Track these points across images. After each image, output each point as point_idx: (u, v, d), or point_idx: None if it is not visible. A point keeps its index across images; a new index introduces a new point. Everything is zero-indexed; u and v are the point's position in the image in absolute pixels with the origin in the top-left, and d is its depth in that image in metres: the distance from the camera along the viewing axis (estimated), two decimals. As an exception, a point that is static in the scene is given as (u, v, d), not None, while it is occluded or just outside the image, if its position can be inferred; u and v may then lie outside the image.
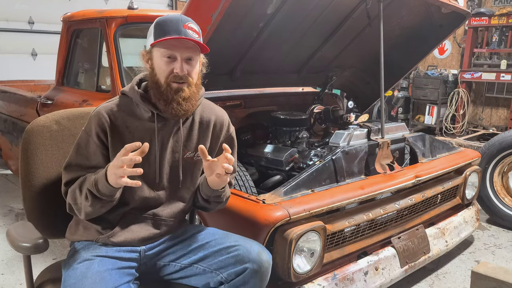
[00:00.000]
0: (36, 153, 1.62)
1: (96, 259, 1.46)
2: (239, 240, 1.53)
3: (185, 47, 1.44)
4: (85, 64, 3.39)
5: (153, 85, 1.48)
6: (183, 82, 1.46)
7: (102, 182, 1.37)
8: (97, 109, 1.51)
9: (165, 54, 1.44)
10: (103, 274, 1.40)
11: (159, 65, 1.46)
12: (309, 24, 2.83)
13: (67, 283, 1.40)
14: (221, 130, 1.65)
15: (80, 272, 1.41)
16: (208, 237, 1.58)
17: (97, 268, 1.42)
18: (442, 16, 3.10)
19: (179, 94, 1.45)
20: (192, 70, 1.48)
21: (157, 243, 1.59)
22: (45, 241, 1.49)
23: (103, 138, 1.48)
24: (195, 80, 1.50)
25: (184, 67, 1.45)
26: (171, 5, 7.32)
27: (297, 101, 3.55)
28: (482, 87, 6.77)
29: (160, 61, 1.45)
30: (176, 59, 1.45)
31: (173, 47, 1.43)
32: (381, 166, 2.57)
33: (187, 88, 1.47)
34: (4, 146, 4.16)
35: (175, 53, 1.44)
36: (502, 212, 3.57)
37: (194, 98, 1.50)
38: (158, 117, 1.51)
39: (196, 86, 1.51)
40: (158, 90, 1.46)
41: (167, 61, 1.44)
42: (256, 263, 1.46)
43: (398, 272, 2.36)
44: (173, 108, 1.46)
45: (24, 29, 5.84)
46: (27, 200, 1.62)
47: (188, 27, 1.44)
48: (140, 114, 1.52)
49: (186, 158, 1.58)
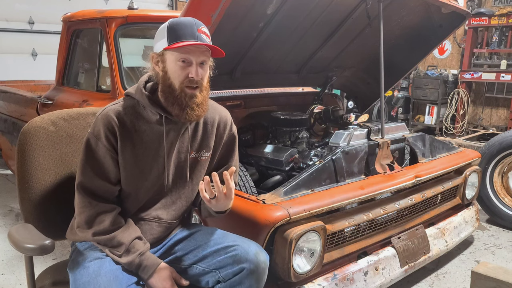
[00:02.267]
0: (33, 154, 1.60)
1: (106, 258, 1.46)
2: (237, 240, 1.53)
3: (200, 52, 1.43)
4: (85, 64, 3.39)
5: (166, 88, 1.46)
6: (197, 87, 1.45)
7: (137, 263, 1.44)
8: (104, 111, 1.48)
9: (180, 58, 1.42)
10: (116, 272, 1.40)
11: (173, 69, 1.44)
12: (309, 24, 2.83)
13: (80, 282, 1.39)
14: (225, 129, 1.65)
15: (93, 270, 1.40)
16: (207, 237, 1.58)
17: (109, 267, 1.42)
18: (442, 16, 3.10)
19: (193, 100, 1.44)
20: (205, 74, 1.48)
21: (159, 247, 1.60)
22: (52, 242, 1.47)
23: (113, 141, 1.46)
24: (205, 84, 1.50)
25: (199, 72, 1.44)
26: (171, 5, 7.32)
27: (297, 101, 3.55)
28: (482, 87, 6.78)
29: (175, 65, 1.43)
30: (191, 64, 1.43)
31: (189, 52, 1.42)
32: (381, 166, 2.57)
33: (200, 94, 1.46)
34: (4, 146, 4.16)
35: (191, 58, 1.43)
36: (502, 212, 3.57)
37: (205, 103, 1.50)
38: (166, 119, 1.50)
39: (206, 90, 1.50)
40: (172, 95, 1.45)
41: (182, 65, 1.43)
42: (253, 263, 1.46)
43: (398, 272, 2.36)
44: (187, 113, 1.45)
45: (24, 29, 5.84)
46: (24, 202, 1.60)
47: (202, 32, 1.44)
48: (148, 117, 1.50)
49: (191, 158, 1.58)
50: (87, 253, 1.49)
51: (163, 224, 1.58)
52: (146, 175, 1.51)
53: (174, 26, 1.44)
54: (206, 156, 1.61)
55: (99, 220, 1.45)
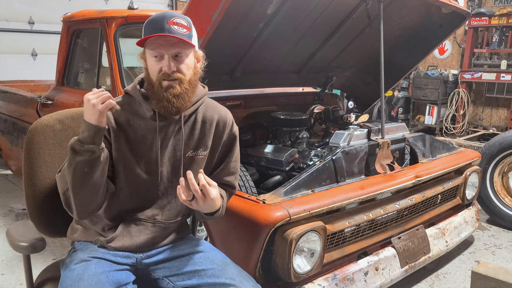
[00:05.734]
0: (39, 153, 1.63)
1: (93, 260, 1.45)
2: (236, 278, 1.49)
3: (170, 44, 1.42)
4: (85, 64, 3.39)
5: (148, 85, 1.49)
6: (174, 79, 1.44)
7: (81, 129, 1.35)
8: None
9: (152, 53, 1.44)
10: (100, 276, 1.39)
11: (150, 65, 1.46)
12: (309, 24, 2.83)
13: (64, 284, 1.39)
14: (224, 129, 1.63)
15: (76, 273, 1.40)
16: (206, 264, 1.54)
17: (94, 270, 1.41)
18: (442, 16, 3.10)
19: (169, 91, 1.44)
20: (182, 66, 1.46)
21: (155, 251, 1.57)
22: (42, 241, 1.50)
23: (107, 135, 1.48)
24: (188, 76, 1.47)
25: (172, 64, 1.43)
26: (171, 5, 7.32)
27: (297, 101, 3.55)
28: (482, 87, 6.77)
29: (150, 60, 1.46)
30: (163, 57, 1.44)
31: (158, 46, 1.42)
32: (381, 166, 2.57)
33: (179, 85, 1.45)
34: (4, 146, 4.16)
35: (161, 51, 1.43)
36: (502, 212, 3.57)
37: (187, 95, 1.48)
38: (159, 116, 1.51)
39: (190, 83, 1.48)
40: (151, 90, 1.47)
41: (155, 60, 1.44)
42: None
43: (398, 272, 2.36)
44: (163, 105, 1.45)
45: (24, 29, 5.84)
46: (29, 199, 1.62)
47: (173, 23, 1.41)
48: (143, 113, 1.52)
49: (187, 157, 1.58)
50: (76, 255, 1.49)
51: (158, 225, 1.56)
52: (139, 169, 1.52)
53: (147, 22, 1.45)
54: (203, 155, 1.60)
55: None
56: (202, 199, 1.36)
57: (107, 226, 1.54)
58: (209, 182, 1.36)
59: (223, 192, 1.60)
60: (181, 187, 1.34)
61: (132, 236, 1.53)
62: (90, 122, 1.34)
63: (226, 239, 2.03)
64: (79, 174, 1.37)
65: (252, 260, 1.88)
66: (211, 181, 1.37)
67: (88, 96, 1.33)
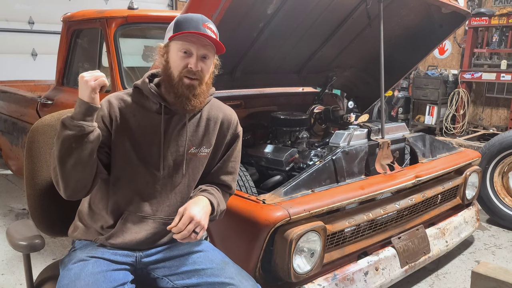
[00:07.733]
0: (41, 152, 1.64)
1: (91, 260, 1.45)
2: (235, 278, 1.50)
3: (202, 44, 1.47)
4: (85, 64, 3.39)
5: (165, 77, 1.51)
6: (195, 79, 1.48)
7: (75, 106, 1.38)
8: (108, 96, 1.56)
9: (181, 48, 1.47)
10: (97, 276, 1.40)
11: (174, 59, 1.49)
12: (309, 24, 2.83)
13: (61, 284, 1.40)
14: (228, 128, 1.66)
15: (74, 273, 1.40)
16: (205, 263, 1.55)
17: (91, 270, 1.41)
18: (442, 16, 3.10)
19: (190, 90, 1.48)
20: (206, 68, 1.50)
21: (154, 250, 1.57)
22: (41, 240, 1.51)
23: (107, 122, 1.50)
24: (207, 79, 1.53)
25: (199, 64, 1.48)
26: (171, 5, 7.32)
27: (297, 101, 3.55)
28: (482, 87, 6.77)
29: (176, 55, 1.48)
30: (191, 55, 1.47)
31: (190, 42, 1.46)
32: (381, 166, 2.56)
33: (198, 86, 1.49)
34: (4, 146, 4.16)
35: (192, 49, 1.47)
36: (502, 212, 3.57)
37: (203, 96, 1.53)
38: (165, 109, 1.53)
39: (206, 85, 1.53)
40: (170, 83, 1.49)
41: (183, 55, 1.47)
42: None
43: (398, 272, 2.36)
44: (182, 102, 1.49)
45: (24, 29, 5.84)
46: (31, 198, 1.63)
47: (207, 27, 1.48)
48: (149, 106, 1.54)
49: (189, 154, 1.59)
50: (74, 254, 1.49)
51: (158, 221, 1.57)
52: (138, 160, 1.52)
53: (181, 19, 1.49)
54: (206, 152, 1.61)
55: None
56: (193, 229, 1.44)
57: (106, 224, 1.54)
58: (181, 211, 1.45)
59: (216, 192, 1.61)
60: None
61: (132, 232, 1.53)
62: (82, 99, 1.37)
63: (226, 239, 2.03)
64: (66, 147, 1.38)
65: (252, 260, 1.88)
66: (184, 207, 1.46)
67: (83, 73, 1.38)
